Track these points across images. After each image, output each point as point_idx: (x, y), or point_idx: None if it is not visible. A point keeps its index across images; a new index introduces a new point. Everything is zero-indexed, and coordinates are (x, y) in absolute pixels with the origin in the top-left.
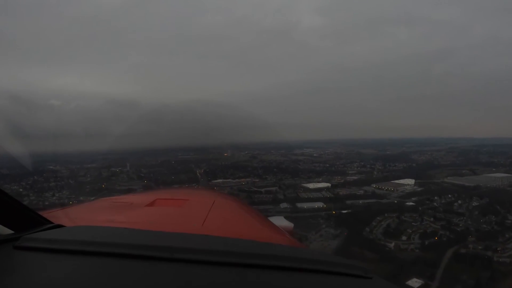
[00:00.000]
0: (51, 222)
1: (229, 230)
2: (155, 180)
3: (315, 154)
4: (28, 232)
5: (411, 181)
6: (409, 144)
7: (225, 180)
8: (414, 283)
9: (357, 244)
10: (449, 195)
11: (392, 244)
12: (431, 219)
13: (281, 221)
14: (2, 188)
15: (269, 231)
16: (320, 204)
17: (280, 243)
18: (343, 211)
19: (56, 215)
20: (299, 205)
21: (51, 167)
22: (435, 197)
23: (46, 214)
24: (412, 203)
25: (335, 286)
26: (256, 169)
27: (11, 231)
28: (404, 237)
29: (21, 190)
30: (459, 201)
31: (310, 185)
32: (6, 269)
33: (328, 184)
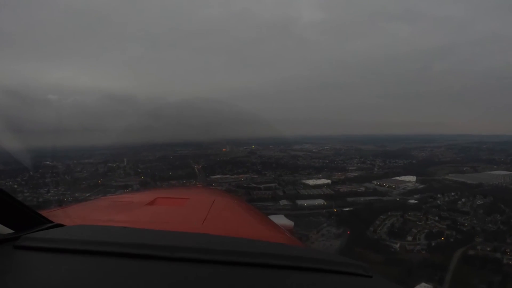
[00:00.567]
0: (51, 222)
1: (230, 229)
2: (152, 176)
3: (314, 150)
4: (28, 232)
5: (412, 178)
6: (408, 141)
7: (224, 176)
8: None
9: (361, 245)
10: (452, 193)
11: (398, 245)
12: (436, 218)
13: (281, 220)
14: (2, 187)
15: (270, 230)
16: (321, 202)
17: (281, 242)
18: (345, 209)
19: (56, 214)
20: (299, 203)
21: (48, 163)
22: (438, 195)
23: (46, 213)
24: (415, 201)
25: (335, 285)
26: (255, 165)
27: (11, 231)
28: (410, 238)
29: (16, 186)
30: (463, 199)
31: (310, 182)
32: (6, 269)
33: (328, 181)
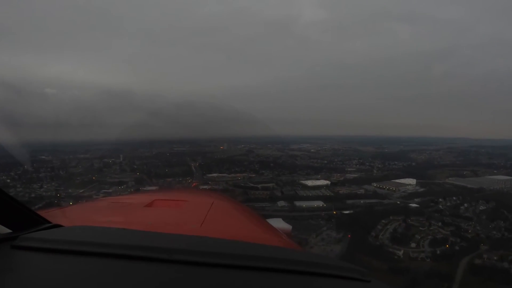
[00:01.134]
0: (49, 222)
1: (228, 232)
2: (148, 173)
3: (312, 150)
4: (26, 232)
5: (413, 181)
6: (407, 143)
7: (220, 175)
8: None
9: (363, 251)
10: (454, 198)
11: (401, 252)
12: (439, 224)
13: (279, 223)
14: (0, 187)
15: (268, 233)
16: (320, 203)
17: (278, 245)
18: (345, 212)
19: (55, 215)
20: (298, 204)
21: (43, 157)
22: (440, 199)
23: (44, 214)
24: (416, 205)
25: None
26: (253, 164)
27: (9, 230)
28: (413, 244)
29: (9, 181)
30: (465, 205)
31: (309, 182)
32: (4, 269)
33: (327, 182)
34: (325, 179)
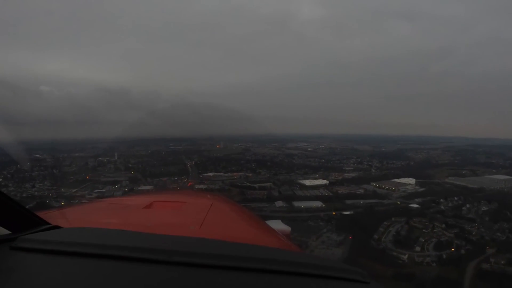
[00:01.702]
0: (48, 223)
1: (227, 234)
2: (143, 172)
3: (309, 149)
4: (25, 233)
5: (412, 181)
6: (403, 142)
7: (217, 174)
8: None
9: (366, 255)
10: (455, 198)
11: (406, 256)
12: (443, 226)
13: (279, 225)
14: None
15: (267, 235)
16: (319, 204)
17: (278, 247)
18: (344, 213)
19: (53, 216)
20: (296, 204)
21: (38, 156)
22: (441, 200)
23: (43, 215)
24: (417, 205)
25: None
26: (249, 162)
27: (8, 232)
28: (418, 248)
29: (0, 180)
30: (467, 205)
31: (307, 182)
32: (3, 270)
33: (326, 181)
34: (323, 179)
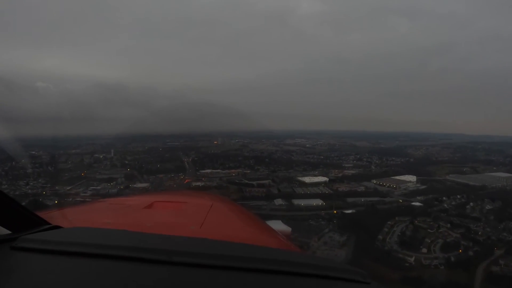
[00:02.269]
0: (49, 223)
1: (227, 234)
2: (139, 169)
3: (308, 145)
4: (26, 233)
5: (413, 178)
6: (402, 138)
7: (214, 171)
8: None
9: (371, 257)
10: (458, 196)
11: (413, 259)
12: (448, 226)
13: (279, 225)
14: (1, 189)
15: (267, 235)
16: (319, 202)
17: (278, 247)
18: (346, 211)
19: (54, 216)
20: (296, 202)
21: (34, 153)
22: (444, 198)
23: (44, 215)
24: (420, 204)
25: None
26: (247, 159)
27: (9, 231)
28: (424, 249)
29: None
30: (471, 204)
31: (306, 179)
32: (3, 270)
33: (326, 179)
34: (323, 176)
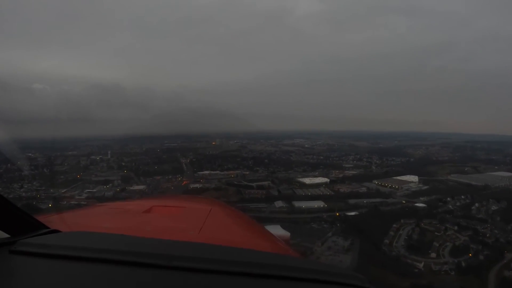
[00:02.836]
0: (48, 227)
1: (226, 239)
2: (136, 170)
3: (307, 145)
4: (24, 237)
5: (415, 178)
6: (401, 138)
7: (212, 172)
8: None
9: (378, 263)
10: (462, 196)
11: (422, 264)
12: (455, 228)
13: (278, 230)
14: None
15: (266, 240)
16: (320, 204)
17: (277, 252)
18: (349, 213)
19: (53, 220)
20: (297, 204)
21: (29, 154)
22: (448, 198)
23: (43, 219)
24: (424, 205)
25: None
26: (246, 160)
27: (8, 235)
28: (433, 254)
29: None
30: (476, 204)
31: (307, 180)
32: (2, 274)
33: (326, 179)
34: (323, 176)
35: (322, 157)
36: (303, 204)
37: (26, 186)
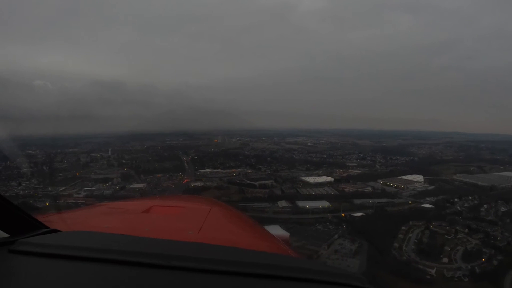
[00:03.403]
0: (47, 227)
1: (225, 239)
2: (136, 168)
3: (309, 144)
4: (24, 236)
5: (420, 178)
6: (403, 137)
7: (214, 170)
8: None
9: (388, 268)
10: (470, 197)
11: (434, 270)
12: (466, 231)
13: (277, 230)
14: None
15: (265, 240)
16: (325, 204)
17: (276, 253)
18: (355, 214)
19: (52, 220)
20: (301, 204)
21: (30, 152)
22: (455, 199)
23: (42, 218)
24: (431, 205)
25: None
26: (248, 158)
27: (7, 235)
28: (445, 259)
29: None
30: (485, 206)
31: (310, 179)
32: (1, 273)
33: (330, 179)
34: (327, 175)
35: (325, 156)
36: (307, 204)
37: (24, 184)
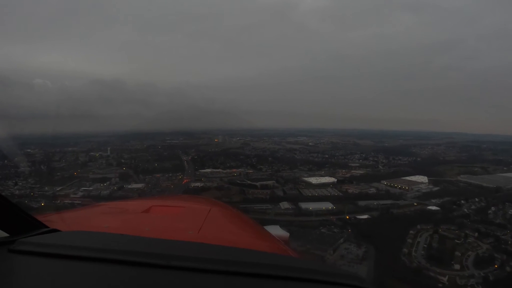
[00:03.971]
0: (47, 226)
1: (225, 239)
2: (135, 168)
3: (311, 143)
4: (24, 236)
5: (424, 179)
6: (405, 137)
7: (215, 170)
8: None
9: (397, 275)
10: (476, 199)
11: (446, 278)
12: (476, 235)
13: (277, 230)
14: None
15: (265, 240)
16: (329, 205)
17: (276, 253)
18: (360, 217)
19: (52, 219)
20: (303, 206)
21: (29, 150)
22: (462, 201)
23: (42, 218)
24: (437, 208)
25: None
26: (249, 158)
27: (7, 234)
28: (457, 265)
29: None
30: (492, 208)
31: (313, 180)
32: (1, 273)
33: (333, 179)
34: (330, 176)
35: (327, 156)
36: (310, 206)
37: (21, 184)
